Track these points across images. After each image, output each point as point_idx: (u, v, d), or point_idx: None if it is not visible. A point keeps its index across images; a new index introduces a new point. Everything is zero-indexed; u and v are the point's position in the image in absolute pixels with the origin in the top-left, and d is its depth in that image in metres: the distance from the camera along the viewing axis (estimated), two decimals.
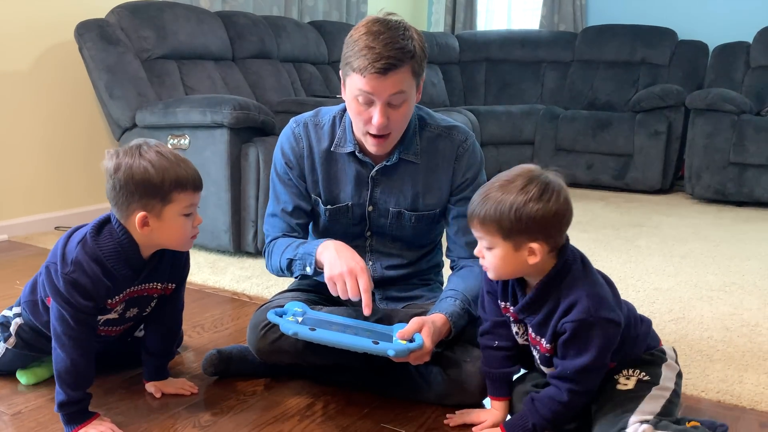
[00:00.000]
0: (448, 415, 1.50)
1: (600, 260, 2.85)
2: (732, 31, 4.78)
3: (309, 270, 1.54)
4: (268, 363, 1.65)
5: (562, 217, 1.28)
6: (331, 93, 4.15)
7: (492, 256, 1.32)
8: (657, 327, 2.08)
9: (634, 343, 1.38)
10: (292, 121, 1.68)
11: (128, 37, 3.21)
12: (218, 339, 1.97)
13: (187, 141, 2.82)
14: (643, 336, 1.41)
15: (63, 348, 1.39)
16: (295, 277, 1.60)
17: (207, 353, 1.71)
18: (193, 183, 1.39)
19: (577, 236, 3.24)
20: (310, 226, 1.77)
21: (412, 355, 1.39)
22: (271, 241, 1.69)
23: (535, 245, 1.27)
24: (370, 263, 1.71)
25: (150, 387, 1.61)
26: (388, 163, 1.61)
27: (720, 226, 3.57)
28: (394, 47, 1.40)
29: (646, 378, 1.34)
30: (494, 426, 1.42)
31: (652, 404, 1.30)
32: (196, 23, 3.50)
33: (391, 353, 1.34)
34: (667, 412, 1.31)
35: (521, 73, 5.40)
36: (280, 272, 1.64)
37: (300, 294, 1.70)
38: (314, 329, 1.38)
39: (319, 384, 1.66)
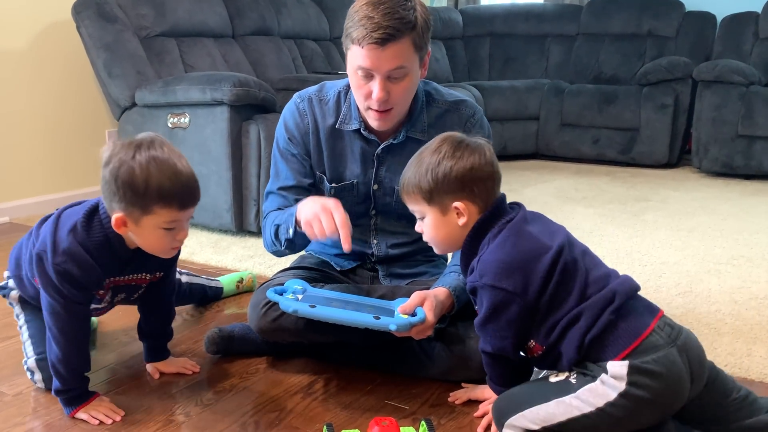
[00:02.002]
0: (452, 394, 1.49)
1: (606, 235, 2.82)
2: (740, 1, 4.69)
3: (290, 232, 1.48)
4: (270, 341, 1.64)
5: (481, 171, 1.25)
6: (333, 69, 4.11)
7: (426, 227, 1.32)
8: (664, 301, 2.07)
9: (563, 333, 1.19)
10: (296, 96, 1.65)
11: (126, 14, 3.17)
12: (220, 318, 1.96)
13: (187, 119, 2.79)
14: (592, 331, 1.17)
15: (55, 340, 1.36)
16: (284, 247, 1.55)
17: (209, 332, 1.70)
18: (180, 200, 1.29)
19: (583, 211, 3.21)
20: None
21: (414, 330, 1.37)
22: (266, 216, 1.65)
23: (459, 204, 1.26)
24: (375, 242, 1.69)
25: (150, 368, 1.60)
26: (394, 141, 1.58)
27: (728, 199, 3.53)
28: (393, 17, 1.37)
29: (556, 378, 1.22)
30: None
31: (553, 409, 1.18)
32: (194, 0, 3.45)
33: (392, 328, 1.32)
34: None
35: (526, 47, 5.32)
36: (272, 245, 1.60)
37: (301, 272, 1.68)
38: (314, 306, 1.36)
39: (322, 362, 1.65)
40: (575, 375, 1.20)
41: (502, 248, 1.22)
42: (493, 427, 1.34)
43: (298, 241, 1.52)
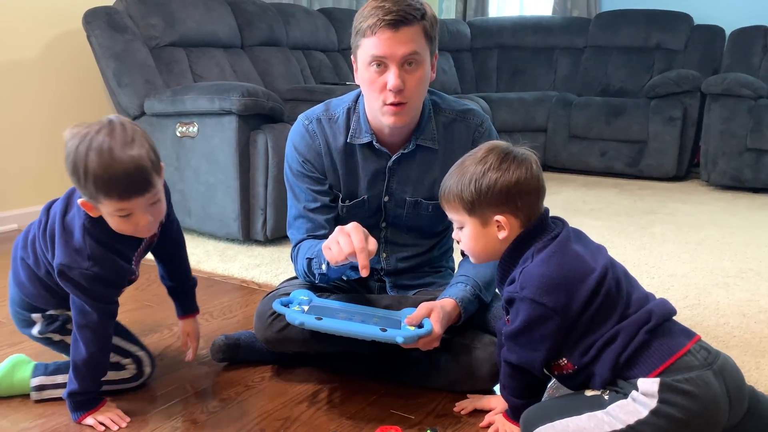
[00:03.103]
0: (458, 404, 1.48)
1: (614, 247, 2.81)
2: (749, 14, 4.69)
3: (324, 268, 1.44)
4: (276, 351, 1.63)
5: (526, 185, 1.22)
6: (341, 80, 4.12)
7: (464, 237, 1.29)
8: None
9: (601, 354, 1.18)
10: (303, 117, 1.61)
11: (136, 24, 3.20)
12: (227, 326, 1.96)
13: (195, 129, 2.81)
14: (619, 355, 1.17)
15: (85, 341, 1.36)
16: (318, 281, 1.52)
17: (215, 340, 1.69)
18: (117, 191, 1.23)
19: (591, 224, 3.20)
20: None
21: (421, 341, 1.36)
22: (295, 245, 1.61)
23: (501, 218, 1.23)
24: (384, 255, 1.68)
25: (183, 326, 1.63)
26: (405, 151, 1.56)
27: (736, 212, 3.52)
28: (403, 3, 1.38)
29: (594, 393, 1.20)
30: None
31: (584, 423, 1.17)
32: (204, 10, 3.47)
33: (399, 340, 1.32)
34: None
35: (534, 59, 5.33)
36: (306, 276, 1.57)
37: (307, 281, 1.67)
38: (320, 318, 1.35)
39: (327, 371, 1.64)
40: (608, 392, 1.18)
41: (547, 263, 1.19)
42: None
43: (332, 275, 1.49)
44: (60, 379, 1.48)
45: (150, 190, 1.27)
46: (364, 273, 1.31)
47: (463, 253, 1.66)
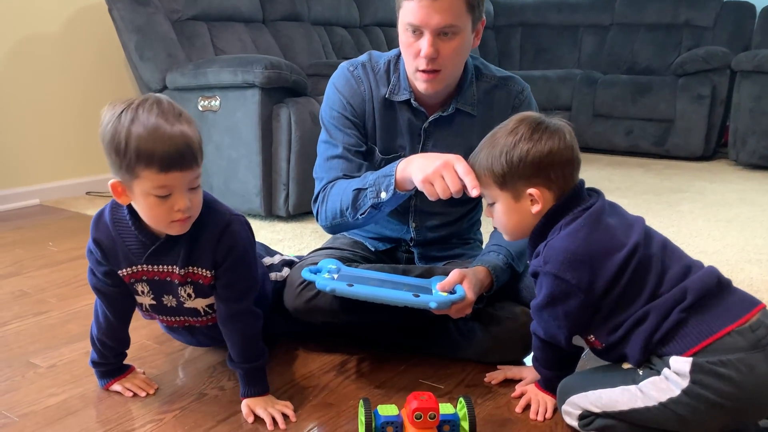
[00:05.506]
0: (488, 374, 1.45)
1: None
2: None
3: (384, 195, 1.35)
4: (303, 321, 1.61)
5: (559, 156, 1.17)
6: None
7: (497, 213, 1.25)
8: None
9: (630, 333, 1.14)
10: (347, 64, 1.57)
11: None
12: None
13: (217, 102, 2.78)
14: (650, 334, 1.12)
15: (95, 314, 1.38)
16: (361, 215, 1.41)
17: None
18: (161, 161, 1.12)
19: (617, 202, 3.10)
20: None
21: (454, 307, 1.33)
22: (326, 184, 1.51)
23: (534, 191, 1.18)
24: (414, 225, 1.64)
25: (243, 407, 1.34)
26: (443, 114, 1.52)
27: (767, 191, 3.44)
28: None
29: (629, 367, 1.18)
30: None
31: (617, 396, 1.15)
32: None
33: (432, 305, 1.28)
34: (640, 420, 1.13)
35: (558, 37, 5.25)
36: (337, 216, 1.47)
37: (334, 251, 1.65)
38: (352, 285, 1.32)
39: (355, 342, 1.62)
40: (642, 367, 1.15)
41: (572, 237, 1.14)
42: (533, 407, 1.31)
43: (388, 207, 1.41)
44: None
45: (194, 167, 1.17)
46: (475, 193, 1.23)
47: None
